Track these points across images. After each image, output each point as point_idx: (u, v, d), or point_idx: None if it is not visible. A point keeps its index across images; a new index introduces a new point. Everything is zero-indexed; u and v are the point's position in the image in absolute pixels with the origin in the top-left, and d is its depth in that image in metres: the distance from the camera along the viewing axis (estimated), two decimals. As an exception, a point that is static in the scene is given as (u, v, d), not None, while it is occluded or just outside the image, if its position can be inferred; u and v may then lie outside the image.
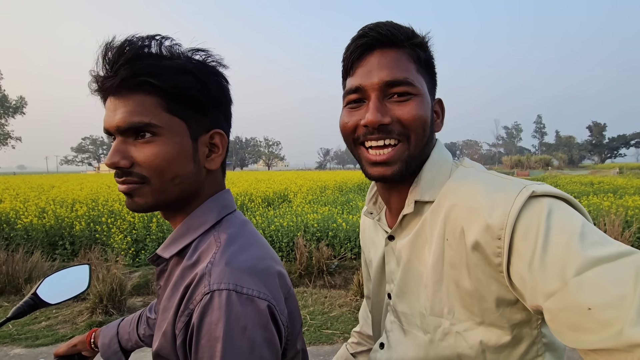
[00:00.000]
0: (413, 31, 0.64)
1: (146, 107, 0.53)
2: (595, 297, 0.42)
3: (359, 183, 14.54)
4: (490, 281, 0.54)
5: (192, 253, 0.57)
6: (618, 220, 5.12)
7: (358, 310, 3.62)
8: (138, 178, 0.55)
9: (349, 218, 5.68)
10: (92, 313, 3.45)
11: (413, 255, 0.65)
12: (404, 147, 0.61)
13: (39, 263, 4.47)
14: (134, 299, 4.00)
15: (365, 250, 0.86)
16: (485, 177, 0.59)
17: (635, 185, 12.22)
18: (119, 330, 0.87)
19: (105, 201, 7.36)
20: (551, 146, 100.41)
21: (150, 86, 0.53)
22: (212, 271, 0.51)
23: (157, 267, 0.63)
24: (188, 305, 0.50)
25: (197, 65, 0.57)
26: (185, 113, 0.56)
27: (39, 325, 3.32)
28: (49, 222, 5.74)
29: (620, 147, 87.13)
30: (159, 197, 0.56)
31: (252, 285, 0.51)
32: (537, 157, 70.21)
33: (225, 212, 0.62)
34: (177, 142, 0.55)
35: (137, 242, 5.59)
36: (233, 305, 0.48)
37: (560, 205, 0.51)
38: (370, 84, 0.61)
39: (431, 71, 0.66)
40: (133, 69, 0.52)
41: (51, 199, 7.44)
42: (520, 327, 0.56)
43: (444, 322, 0.60)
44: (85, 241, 5.53)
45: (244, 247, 0.57)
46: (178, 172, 0.56)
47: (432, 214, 0.62)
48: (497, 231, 0.51)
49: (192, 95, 0.56)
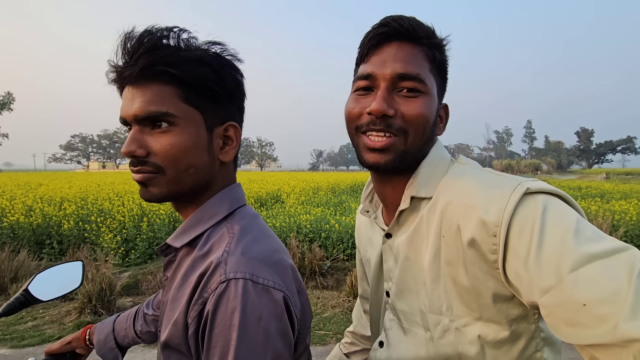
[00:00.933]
0: (434, 31, 0.64)
1: (164, 96, 0.54)
2: (590, 293, 0.42)
3: (352, 185, 14.57)
4: (486, 277, 0.55)
5: (203, 243, 0.57)
6: (605, 224, 5.23)
7: (351, 311, 3.63)
8: (153, 168, 0.55)
9: (341, 219, 5.69)
10: (80, 313, 3.39)
11: (411, 252, 0.65)
12: (401, 141, 0.62)
13: (26, 262, 4.38)
14: (124, 299, 3.94)
15: (361, 249, 0.85)
16: (480, 174, 0.60)
17: (622, 190, 12.48)
18: (115, 327, 0.86)
19: (94, 200, 7.24)
20: (540, 151, 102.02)
21: (168, 76, 0.54)
22: (228, 260, 0.51)
23: (165, 257, 0.62)
24: (202, 294, 0.50)
25: (214, 57, 0.57)
26: (201, 104, 0.57)
27: (25, 325, 3.26)
28: (36, 220, 5.62)
29: (607, 152, 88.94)
30: (173, 187, 0.57)
31: (267, 276, 0.51)
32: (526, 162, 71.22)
33: (237, 205, 0.62)
34: (193, 133, 0.56)
35: (127, 241, 5.50)
36: (249, 294, 0.48)
37: (554, 202, 0.51)
38: (382, 73, 0.61)
39: (443, 75, 0.67)
40: (152, 58, 0.53)
41: (39, 197, 7.29)
42: (518, 322, 0.57)
43: (443, 319, 0.60)
44: (74, 240, 5.43)
45: (257, 239, 0.57)
46: (193, 163, 0.56)
47: (429, 210, 0.62)
48: (493, 228, 0.51)
49: (208, 86, 0.56)
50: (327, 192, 11.26)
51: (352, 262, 4.77)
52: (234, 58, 0.61)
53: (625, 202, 7.33)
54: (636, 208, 6.39)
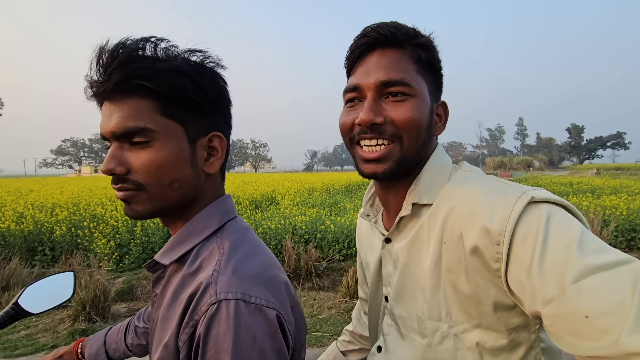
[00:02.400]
0: (416, 31, 0.63)
1: (141, 111, 0.52)
2: (593, 305, 0.42)
3: (347, 185, 14.59)
4: (488, 285, 0.54)
5: (193, 260, 0.55)
6: (597, 219, 5.30)
7: (347, 312, 3.63)
8: (134, 185, 0.53)
9: (337, 220, 5.69)
10: (74, 321, 3.34)
11: (410, 258, 0.64)
12: (397, 148, 0.61)
13: (18, 270, 4.31)
14: (118, 305, 3.90)
15: (362, 252, 0.85)
16: (484, 181, 0.59)
17: (612, 185, 12.66)
18: (106, 340, 0.85)
19: (87, 205, 7.15)
20: (532, 148, 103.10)
21: (145, 89, 0.52)
22: (218, 280, 0.49)
23: (153, 274, 0.61)
24: (193, 316, 0.48)
25: (193, 67, 0.55)
26: (182, 116, 0.55)
27: (17, 334, 3.20)
28: (27, 227, 5.53)
29: (597, 148, 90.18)
30: (158, 204, 0.55)
31: (260, 294, 0.50)
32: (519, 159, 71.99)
33: (227, 218, 0.61)
34: (173, 146, 0.54)
35: (120, 246, 5.45)
36: (242, 315, 0.46)
37: (559, 212, 0.51)
38: (367, 83, 0.61)
39: (435, 73, 0.65)
40: (126, 72, 0.51)
41: (30, 204, 7.18)
42: (518, 332, 0.56)
43: (442, 326, 0.60)
44: (67, 246, 5.35)
45: (248, 255, 0.55)
46: (176, 177, 0.55)
47: (430, 217, 0.62)
48: (496, 236, 0.51)
49: (188, 97, 0.54)
50: (321, 193, 11.25)
51: (347, 263, 4.77)
52: (216, 65, 0.59)
53: (616, 197, 7.44)
54: (626, 203, 6.47)
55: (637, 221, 5.51)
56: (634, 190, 10.35)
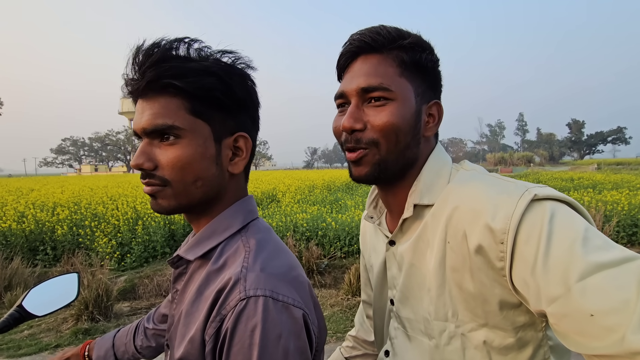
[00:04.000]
0: (398, 33, 0.63)
1: (170, 109, 0.54)
2: (598, 303, 0.42)
3: (347, 182, 14.57)
4: (493, 284, 0.54)
5: (218, 257, 0.56)
6: (598, 215, 5.30)
7: (350, 310, 3.63)
8: (160, 181, 0.55)
9: (338, 217, 5.69)
10: (77, 320, 3.35)
11: (415, 259, 0.64)
12: (373, 152, 0.62)
13: (19, 269, 4.33)
14: (121, 304, 3.91)
15: (366, 255, 0.85)
16: (487, 179, 0.59)
17: (613, 180, 12.65)
18: (114, 342, 0.84)
19: (88, 204, 7.16)
20: (533, 143, 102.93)
21: (175, 88, 0.53)
22: (247, 276, 0.50)
23: (175, 269, 0.61)
24: (220, 311, 0.49)
25: (223, 67, 0.56)
26: (209, 115, 0.56)
27: (21, 334, 3.21)
28: (28, 226, 5.54)
29: (598, 143, 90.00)
30: (182, 200, 0.56)
31: (287, 293, 0.50)
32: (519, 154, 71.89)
33: (251, 218, 0.61)
34: (200, 145, 0.55)
35: (122, 245, 5.46)
36: (270, 312, 0.47)
37: (562, 209, 0.50)
38: (350, 90, 0.63)
39: (424, 73, 0.64)
40: (158, 71, 0.52)
41: (31, 203, 7.18)
42: (525, 330, 0.56)
43: (449, 326, 0.60)
44: (68, 246, 5.37)
45: (274, 254, 0.56)
46: (200, 175, 0.55)
47: (432, 217, 0.62)
48: (500, 235, 0.51)
49: (215, 96, 0.55)
50: (322, 190, 11.25)
51: (349, 260, 4.78)
52: (246, 67, 0.60)
53: (617, 192, 7.43)
54: (627, 198, 6.47)
55: (638, 216, 5.51)
56: (635, 185, 10.34)
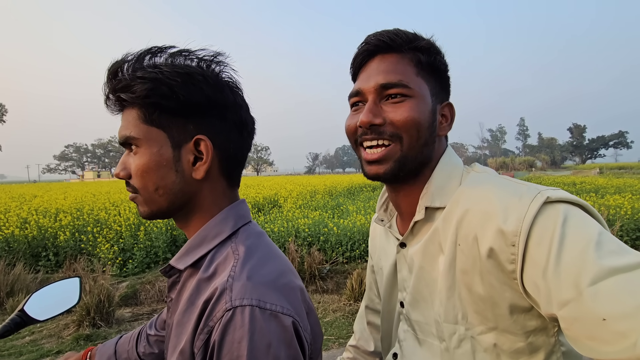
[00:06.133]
0: (415, 36, 0.64)
1: (129, 120, 0.56)
2: (611, 308, 0.41)
3: (349, 187, 14.58)
4: (503, 288, 0.54)
5: (208, 265, 0.55)
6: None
7: (352, 315, 3.60)
8: (132, 189, 0.58)
9: (339, 222, 5.68)
10: (78, 326, 3.34)
11: (425, 262, 0.64)
12: (396, 148, 0.62)
13: (22, 275, 4.33)
14: (123, 310, 3.90)
15: (375, 257, 0.84)
16: (498, 182, 0.59)
17: (615, 184, 12.60)
18: (116, 349, 0.83)
19: (90, 210, 7.18)
20: (534, 148, 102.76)
21: (125, 101, 0.55)
22: (233, 286, 0.49)
23: (168, 278, 0.61)
24: (208, 322, 0.48)
25: (166, 70, 0.53)
26: (162, 122, 0.55)
27: (22, 340, 3.20)
28: (31, 232, 5.55)
29: (599, 148, 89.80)
30: (152, 207, 0.58)
31: (275, 301, 0.49)
32: (521, 159, 71.78)
33: (242, 223, 0.61)
34: (154, 153, 0.55)
35: (124, 251, 5.46)
36: (257, 321, 0.46)
37: (575, 212, 0.50)
38: (368, 87, 0.64)
39: (438, 75, 0.66)
40: (111, 86, 0.55)
41: (33, 209, 7.21)
42: (536, 335, 0.56)
43: (459, 329, 0.59)
44: (70, 252, 5.37)
45: (263, 260, 0.55)
46: (158, 183, 0.56)
47: (443, 220, 0.61)
48: (511, 238, 0.50)
49: (157, 102, 0.54)
50: (324, 195, 11.25)
51: (351, 265, 4.75)
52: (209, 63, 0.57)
53: (620, 197, 7.40)
54: (630, 202, 6.44)
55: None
56: (638, 189, 10.29)
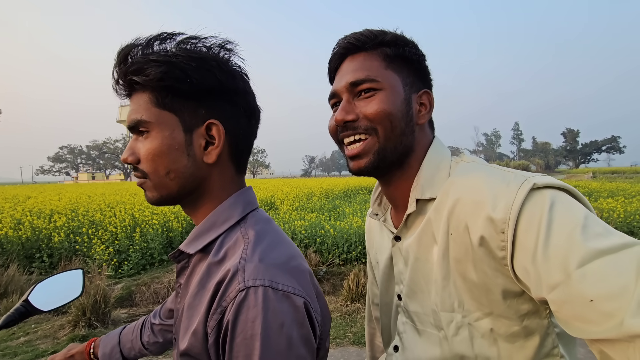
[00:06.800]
0: (380, 32, 0.67)
1: (140, 104, 0.55)
2: (597, 289, 0.42)
3: (345, 190, 14.59)
4: (496, 274, 0.55)
5: (217, 249, 0.56)
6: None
7: (349, 316, 3.60)
8: (141, 173, 0.57)
9: (336, 224, 5.69)
10: (74, 327, 3.31)
11: (420, 253, 0.65)
12: (373, 140, 0.64)
13: (16, 277, 4.28)
14: (118, 311, 3.87)
15: (372, 253, 0.86)
16: (486, 170, 0.60)
17: (608, 188, 12.72)
18: (120, 339, 0.84)
19: (85, 211, 7.12)
20: (528, 152, 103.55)
21: (137, 84, 0.55)
22: (245, 267, 0.50)
23: (177, 263, 0.62)
24: (221, 303, 0.49)
25: (180, 54, 0.54)
26: (174, 105, 0.55)
27: (17, 340, 3.17)
28: (25, 234, 5.50)
29: (592, 152, 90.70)
30: (162, 192, 0.57)
31: (287, 282, 0.50)
32: (515, 163, 72.24)
33: (250, 209, 0.61)
34: (166, 136, 0.55)
35: (119, 252, 5.43)
36: (270, 301, 0.47)
37: (562, 197, 0.51)
38: (340, 87, 0.67)
39: (411, 65, 0.67)
40: (122, 70, 0.55)
41: (27, 210, 7.14)
42: (530, 318, 0.57)
43: (456, 316, 0.60)
44: (65, 253, 5.33)
45: (273, 244, 0.56)
46: (170, 167, 0.56)
47: (435, 211, 0.63)
48: (501, 225, 0.52)
49: (172, 85, 0.54)
50: (320, 198, 11.25)
51: (347, 267, 4.76)
52: (222, 49, 0.58)
53: (612, 200, 7.48)
54: (623, 205, 6.51)
55: (634, 224, 5.55)
56: (631, 193, 10.41)
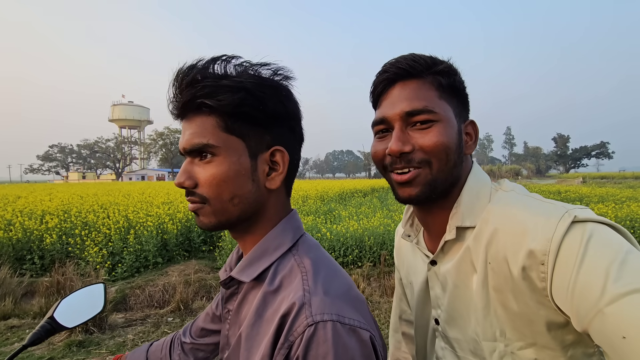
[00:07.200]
0: (433, 60, 0.66)
1: (205, 127, 0.54)
2: (628, 326, 0.43)
3: (340, 192, 14.61)
4: (538, 306, 0.55)
5: (272, 277, 0.56)
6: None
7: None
8: (200, 198, 0.56)
9: (332, 227, 5.70)
10: (70, 332, 3.25)
11: (459, 280, 0.65)
12: (426, 172, 0.63)
13: (7, 279, 4.21)
14: (115, 315, 3.81)
15: (402, 271, 0.85)
16: (525, 201, 0.60)
17: (599, 194, 12.94)
18: (148, 357, 0.83)
19: (78, 212, 7.01)
20: (520, 156, 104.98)
21: (207, 107, 0.54)
22: (312, 301, 0.50)
23: (226, 289, 0.61)
24: (288, 337, 0.48)
25: (254, 81, 0.55)
26: (243, 131, 0.56)
27: (11, 346, 3.10)
28: (15, 235, 5.40)
29: (582, 157, 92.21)
30: (221, 218, 0.56)
31: (352, 315, 0.50)
32: (507, 167, 73.08)
33: (299, 234, 0.61)
34: (234, 162, 0.55)
35: (113, 255, 5.35)
36: (339, 337, 0.47)
37: (602, 231, 0.51)
38: (393, 114, 0.65)
39: (458, 95, 0.67)
40: (192, 91, 0.53)
41: (18, 211, 7.01)
42: (575, 348, 0.57)
43: (499, 345, 0.60)
44: (57, 255, 5.24)
45: (331, 274, 0.56)
46: (236, 192, 0.55)
47: (474, 239, 0.62)
48: (540, 257, 0.52)
49: (246, 112, 0.55)
50: (315, 201, 11.23)
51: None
52: (284, 78, 0.59)
53: (603, 206, 7.59)
54: (614, 211, 6.61)
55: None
56: (621, 198, 10.60)
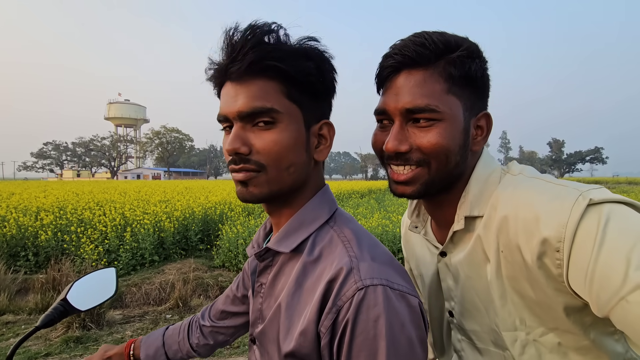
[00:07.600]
0: (447, 45, 0.58)
1: (268, 92, 0.52)
2: None
3: (337, 193, 14.60)
4: (556, 293, 0.53)
5: (311, 248, 0.56)
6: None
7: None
8: (256, 166, 0.53)
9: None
10: (67, 328, 3.21)
11: (472, 271, 0.63)
12: (424, 172, 0.60)
13: (1, 276, 4.18)
14: (112, 312, 3.78)
15: (412, 262, 0.84)
16: (535, 183, 0.57)
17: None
18: (165, 341, 0.82)
19: (74, 209, 6.94)
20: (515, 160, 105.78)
21: (275, 71, 0.52)
22: (360, 266, 0.49)
23: (261, 262, 0.60)
24: (336, 302, 0.48)
25: (316, 52, 0.55)
26: (302, 100, 0.55)
27: (7, 342, 3.06)
28: (10, 231, 5.33)
29: (577, 162, 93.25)
30: (274, 187, 0.54)
31: (401, 282, 0.50)
32: (502, 171, 73.61)
33: (334, 207, 0.61)
34: (294, 130, 0.54)
35: (109, 252, 5.31)
36: (390, 301, 0.46)
37: (620, 212, 0.48)
38: (393, 108, 0.60)
39: (474, 84, 0.60)
40: (260, 53, 0.51)
41: (12, 207, 6.93)
42: (595, 329, 0.55)
43: (520, 335, 0.59)
44: (52, 252, 5.18)
45: (374, 243, 0.56)
46: (293, 161, 0.54)
47: (484, 228, 0.60)
48: (555, 244, 0.49)
49: (311, 81, 0.54)
50: (313, 201, 11.23)
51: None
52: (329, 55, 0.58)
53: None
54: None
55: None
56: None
